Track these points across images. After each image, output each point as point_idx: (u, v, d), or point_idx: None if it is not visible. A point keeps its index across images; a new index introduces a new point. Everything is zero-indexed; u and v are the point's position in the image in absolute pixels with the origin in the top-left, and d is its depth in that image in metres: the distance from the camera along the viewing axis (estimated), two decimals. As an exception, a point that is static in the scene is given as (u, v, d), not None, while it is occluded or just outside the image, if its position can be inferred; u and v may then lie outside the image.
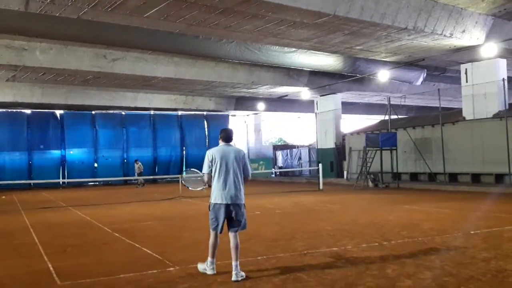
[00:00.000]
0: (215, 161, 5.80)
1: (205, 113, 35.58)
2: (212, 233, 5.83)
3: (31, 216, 12.92)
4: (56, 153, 30.70)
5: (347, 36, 16.21)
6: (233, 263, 5.61)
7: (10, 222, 12.12)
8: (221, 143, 5.98)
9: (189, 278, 5.66)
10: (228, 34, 15.85)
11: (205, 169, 5.87)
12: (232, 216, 5.76)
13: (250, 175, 6.01)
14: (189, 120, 35.37)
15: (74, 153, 30.99)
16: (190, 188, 7.24)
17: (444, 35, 16.09)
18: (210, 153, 5.88)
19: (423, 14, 15.17)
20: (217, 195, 5.76)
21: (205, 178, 5.92)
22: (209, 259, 5.80)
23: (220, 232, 5.81)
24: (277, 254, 6.81)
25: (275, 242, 7.78)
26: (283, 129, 45.34)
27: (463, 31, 16.32)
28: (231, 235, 5.78)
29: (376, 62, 20.55)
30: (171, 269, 6.12)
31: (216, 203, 5.75)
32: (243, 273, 5.69)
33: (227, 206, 5.72)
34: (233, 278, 5.53)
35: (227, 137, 5.97)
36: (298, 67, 21.02)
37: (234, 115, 38.07)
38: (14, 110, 29.87)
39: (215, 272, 5.75)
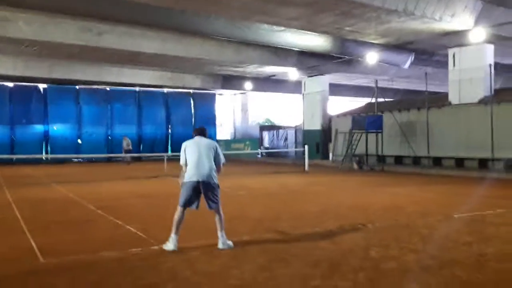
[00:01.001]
0: (188, 149, 6.14)
1: (191, 91, 35.25)
2: (179, 209, 6.05)
3: (13, 192, 12.75)
4: (39, 128, 30.25)
5: (337, 17, 16.06)
6: (218, 233, 5.98)
7: (-9, 197, 11.94)
8: (195, 137, 6.34)
9: (173, 256, 5.63)
10: (216, 10, 15.60)
11: (182, 160, 6.20)
12: (205, 193, 6.00)
13: (222, 163, 6.28)
14: (175, 98, 35.03)
15: (58, 129, 30.57)
16: None
17: (434, 19, 16.04)
18: (184, 144, 6.26)
19: (414, -4, 15.07)
20: (189, 174, 6.03)
21: (183, 169, 6.19)
22: (172, 235, 5.91)
23: (196, 208, 6.06)
24: (262, 235, 6.81)
25: (260, 223, 7.78)
26: (270, 110, 45.21)
27: (453, 15, 16.28)
28: (214, 211, 6.09)
29: (364, 44, 20.46)
30: (155, 247, 6.08)
31: (188, 181, 6.01)
32: (230, 242, 6.00)
33: (197, 182, 5.97)
34: (219, 246, 5.91)
35: (200, 131, 6.41)
36: (286, 46, 20.84)
37: (221, 94, 37.84)
38: (-4, 84, 29.30)
39: (175, 248, 5.83)
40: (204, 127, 6.64)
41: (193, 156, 6.06)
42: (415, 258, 5.49)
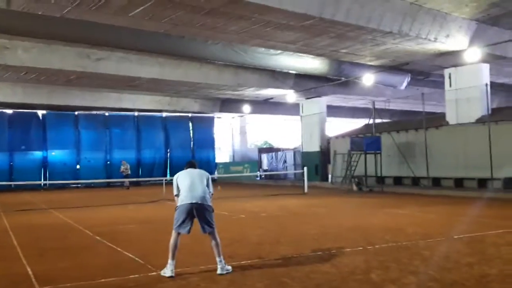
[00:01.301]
0: (180, 178, 6.16)
1: (190, 115, 35.38)
2: (173, 234, 5.99)
3: (11, 218, 12.65)
4: (37, 154, 30.24)
5: (333, 39, 16.24)
6: (217, 259, 5.90)
7: (-11, 224, 11.84)
8: (187, 169, 6.37)
9: (171, 282, 5.55)
10: (214, 35, 15.76)
11: (175, 191, 6.19)
12: (198, 216, 5.94)
13: (211, 194, 6.24)
14: (173, 122, 35.10)
15: (56, 155, 30.54)
16: None
17: (429, 39, 16.22)
18: (176, 175, 6.28)
19: (408, 18, 15.26)
20: (182, 198, 6.00)
21: (176, 200, 6.16)
22: (169, 260, 5.84)
23: (188, 232, 5.98)
24: (261, 258, 6.74)
25: (260, 246, 7.71)
26: (268, 132, 45.34)
27: (447, 35, 16.47)
28: (209, 237, 6.04)
29: (361, 65, 20.64)
30: (153, 273, 6.00)
31: (182, 204, 5.97)
32: (229, 267, 5.93)
33: (191, 204, 5.91)
34: (218, 271, 5.82)
35: (191, 164, 6.45)
36: (283, 69, 21.04)
37: (220, 117, 37.97)
38: (-5, 110, 29.37)
39: (173, 274, 5.76)
40: (194, 160, 6.73)
41: (186, 182, 6.07)
42: (416, 280, 5.42)
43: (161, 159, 34.09)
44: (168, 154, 34.56)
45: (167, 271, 5.79)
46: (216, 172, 34.94)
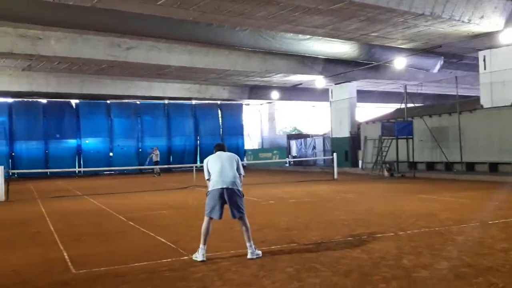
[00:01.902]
0: (211, 163, 6.20)
1: (219, 102, 35.56)
2: (205, 219, 6.08)
3: (47, 205, 13.05)
4: (72, 142, 31.03)
5: (363, 23, 15.95)
6: (247, 244, 5.96)
7: (27, 210, 12.25)
8: (216, 152, 6.40)
9: (203, 266, 5.63)
10: (241, 21, 15.71)
11: (206, 175, 6.25)
12: (229, 201, 6.00)
13: (242, 175, 6.28)
14: (203, 109, 35.41)
15: (90, 142, 31.28)
16: None
17: (462, 21, 15.75)
18: (206, 159, 6.32)
19: (441, -1, 14.84)
20: (213, 183, 6.07)
21: (208, 184, 6.22)
22: (201, 245, 5.93)
23: (219, 218, 6.05)
24: (291, 244, 6.75)
25: (289, 231, 7.72)
26: (297, 118, 45.12)
27: (482, 16, 15.95)
28: (239, 222, 6.10)
29: (392, 49, 20.23)
30: (185, 257, 6.11)
31: (213, 189, 6.04)
32: (259, 252, 5.99)
33: (222, 189, 5.98)
34: (249, 256, 5.89)
35: (220, 147, 6.47)
36: (312, 54, 20.80)
37: (248, 104, 37.99)
38: (31, 100, 30.15)
39: (204, 259, 5.85)
40: (223, 143, 6.71)
41: (216, 166, 6.11)
42: (449, 265, 5.34)
43: (191, 146, 34.50)
44: (198, 141, 34.93)
45: (199, 256, 5.89)
46: (245, 159, 35.07)
